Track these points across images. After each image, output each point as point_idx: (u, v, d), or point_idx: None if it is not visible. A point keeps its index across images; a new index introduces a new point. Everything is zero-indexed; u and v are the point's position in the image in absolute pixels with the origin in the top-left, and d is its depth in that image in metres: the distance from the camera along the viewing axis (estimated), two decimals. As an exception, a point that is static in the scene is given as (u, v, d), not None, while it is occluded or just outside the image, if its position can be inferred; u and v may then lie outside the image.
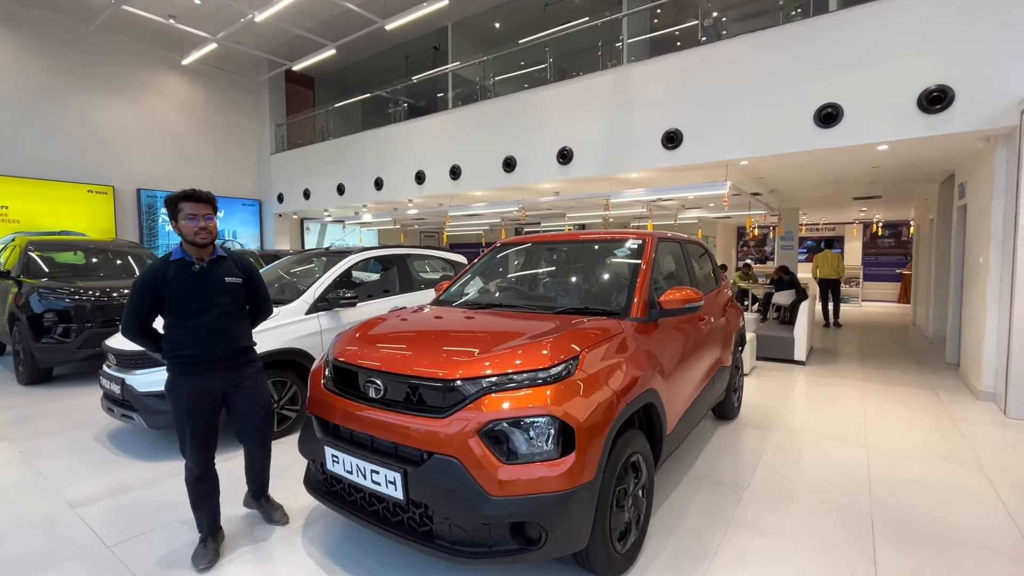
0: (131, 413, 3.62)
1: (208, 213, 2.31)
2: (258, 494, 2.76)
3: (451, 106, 9.33)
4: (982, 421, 4.39)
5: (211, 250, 2.38)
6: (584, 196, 7.93)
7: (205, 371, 2.33)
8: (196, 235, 2.27)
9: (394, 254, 5.37)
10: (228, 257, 2.47)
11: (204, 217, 2.29)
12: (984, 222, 5.14)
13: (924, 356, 7.18)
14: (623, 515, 2.20)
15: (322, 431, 2.33)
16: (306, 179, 11.46)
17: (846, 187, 8.77)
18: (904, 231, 15.49)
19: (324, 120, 12.18)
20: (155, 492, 3.09)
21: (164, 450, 3.74)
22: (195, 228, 2.27)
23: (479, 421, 1.89)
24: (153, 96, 10.66)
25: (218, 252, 2.42)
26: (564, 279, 3.33)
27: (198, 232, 2.27)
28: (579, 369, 2.05)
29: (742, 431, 4.16)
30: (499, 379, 1.97)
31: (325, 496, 2.36)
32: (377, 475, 2.04)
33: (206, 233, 2.29)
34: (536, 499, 1.84)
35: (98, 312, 5.68)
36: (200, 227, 2.27)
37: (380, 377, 2.16)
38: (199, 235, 2.28)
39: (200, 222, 2.27)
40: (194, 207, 2.27)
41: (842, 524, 2.70)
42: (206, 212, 2.30)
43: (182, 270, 2.30)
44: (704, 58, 6.11)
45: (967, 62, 4.64)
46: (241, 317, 2.50)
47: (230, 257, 2.48)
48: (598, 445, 1.98)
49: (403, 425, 2.02)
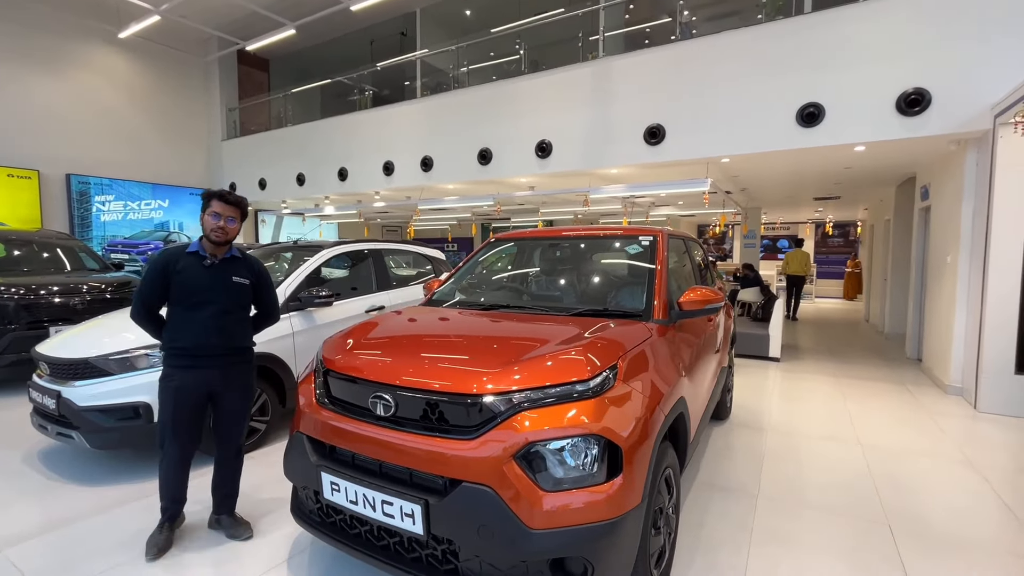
0: (70, 431, 3.12)
1: (232, 216, 2.36)
2: (223, 510, 2.53)
3: (419, 95, 8.92)
4: (956, 415, 4.54)
5: (226, 249, 2.42)
6: (562, 191, 7.75)
7: (197, 365, 2.33)
8: (212, 232, 2.32)
9: (369, 248, 4.99)
10: (243, 259, 2.49)
11: (227, 219, 2.34)
12: (952, 223, 5.32)
13: (884, 351, 7.47)
14: (659, 538, 2.01)
15: (316, 454, 2.01)
16: (262, 168, 10.71)
17: (812, 187, 9.03)
18: (852, 231, 16.32)
19: (281, 106, 11.41)
20: (102, 524, 2.65)
21: (108, 473, 3.25)
22: (214, 225, 2.31)
23: (515, 443, 1.64)
24: (86, 72, 9.60)
25: (233, 252, 2.45)
26: (572, 278, 3.10)
27: (214, 230, 2.32)
28: (618, 380, 1.83)
29: (737, 432, 4.10)
30: (534, 393, 1.73)
31: (319, 528, 2.04)
32: (390, 507, 1.75)
33: (221, 232, 2.33)
34: (582, 530, 1.61)
35: (23, 312, 5.00)
36: (218, 226, 2.32)
37: (390, 392, 1.87)
38: (214, 232, 2.32)
39: (221, 221, 2.32)
40: (221, 207, 2.32)
41: (862, 532, 2.63)
42: (231, 215, 2.35)
43: (193, 262, 2.35)
44: (687, 54, 6.04)
45: (944, 67, 4.75)
46: (242, 318, 2.49)
47: (245, 259, 2.50)
48: (644, 464, 1.78)
49: (421, 448, 1.74)
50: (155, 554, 2.32)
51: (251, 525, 2.54)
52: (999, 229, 4.51)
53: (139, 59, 10.36)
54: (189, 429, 2.36)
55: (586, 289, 2.96)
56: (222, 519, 2.52)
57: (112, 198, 9.89)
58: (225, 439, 2.47)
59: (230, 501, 2.53)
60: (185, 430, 2.34)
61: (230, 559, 2.34)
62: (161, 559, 2.32)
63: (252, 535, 2.50)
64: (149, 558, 2.31)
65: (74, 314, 5.32)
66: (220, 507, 2.52)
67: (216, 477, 2.51)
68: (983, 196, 4.80)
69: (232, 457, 2.50)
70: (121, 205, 10.04)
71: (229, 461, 2.49)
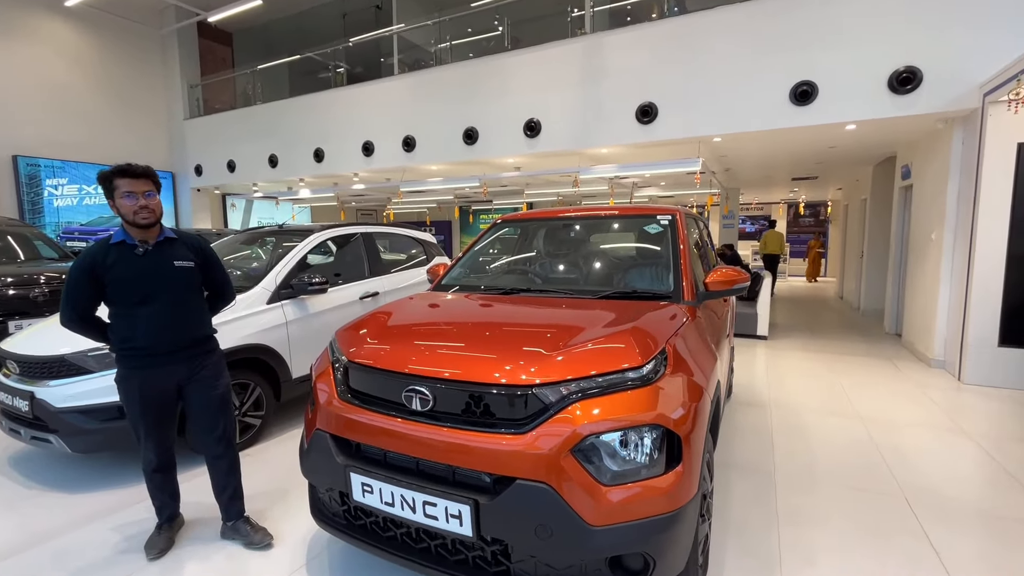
0: (47, 435, 2.85)
1: (149, 190, 2.05)
2: (233, 514, 2.32)
3: (396, 72, 8.54)
4: (943, 388, 4.69)
5: (157, 231, 2.13)
6: (551, 171, 7.60)
7: (157, 363, 2.11)
8: (136, 215, 2.02)
9: (360, 232, 4.75)
10: (178, 238, 2.21)
11: (144, 195, 2.03)
12: (936, 201, 5.45)
13: (863, 327, 7.70)
14: (705, 526, 1.96)
15: (343, 454, 1.86)
16: (230, 149, 10.14)
17: (794, 167, 9.14)
18: (822, 211, 16.76)
19: (249, 82, 10.78)
20: (90, 536, 2.43)
21: (92, 477, 3.01)
22: (134, 207, 2.01)
23: (571, 436, 1.53)
24: (29, 44, 8.80)
25: (166, 233, 2.16)
26: (593, 259, 2.99)
27: (138, 211, 2.02)
28: (669, 365, 1.74)
29: (741, 410, 4.12)
30: (586, 382, 1.62)
31: (347, 531, 1.90)
32: (433, 508, 1.63)
33: (147, 212, 2.04)
34: (644, 525, 1.52)
35: (-25, 306, 4.58)
36: (140, 205, 2.01)
37: (426, 384, 1.72)
38: (139, 215, 2.02)
39: (140, 200, 2.01)
40: (131, 183, 2.01)
41: (882, 506, 2.65)
42: (146, 188, 2.04)
43: (124, 254, 2.06)
44: (680, 30, 5.93)
45: (935, 46, 4.79)
46: (197, 304, 2.25)
47: (180, 238, 2.22)
48: (699, 452, 1.70)
49: (466, 445, 1.61)
50: (156, 555, 2.20)
51: (268, 530, 2.35)
52: (986, 206, 4.62)
53: (89, 30, 9.57)
54: (160, 424, 2.17)
55: (609, 271, 2.85)
56: (237, 526, 2.32)
57: (65, 182, 9.21)
58: (208, 433, 2.25)
59: (237, 503, 2.34)
60: (154, 426, 2.15)
61: (240, 569, 2.18)
62: (166, 571, 2.14)
63: (272, 542, 2.31)
64: (151, 558, 2.20)
65: (33, 307, 4.91)
66: (229, 512, 2.33)
67: (214, 479, 2.31)
68: (969, 174, 4.90)
69: (222, 453, 2.28)
70: (76, 189, 9.36)
71: (220, 457, 2.28)
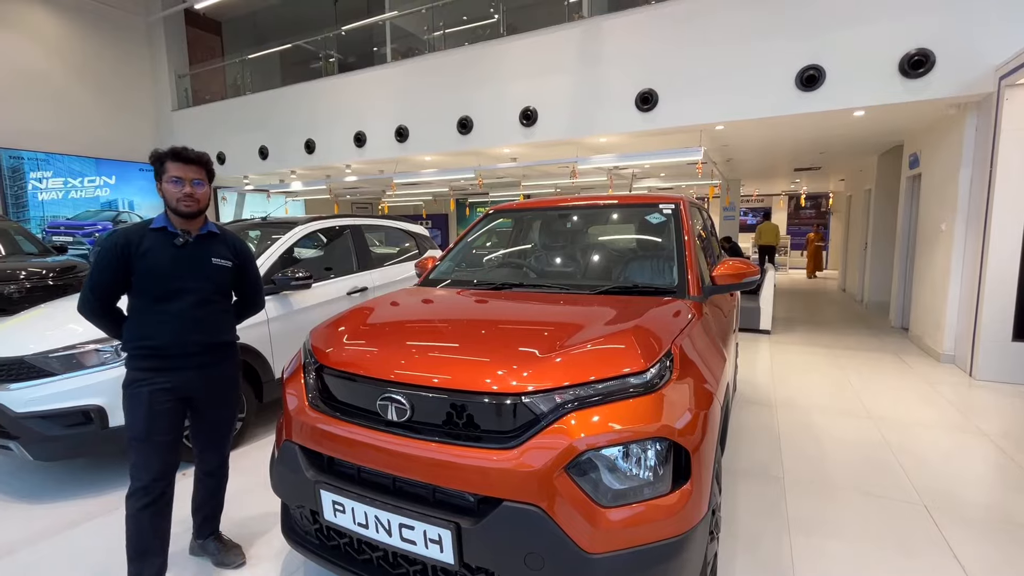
0: (7, 442, 2.67)
1: (198, 178, 1.89)
2: (206, 532, 2.15)
3: (389, 61, 8.30)
4: (955, 384, 4.52)
5: (201, 223, 1.98)
6: (548, 162, 7.38)
7: (173, 367, 1.89)
8: (180, 202, 1.86)
9: (348, 224, 4.55)
10: (221, 235, 2.05)
11: (192, 182, 1.87)
12: (947, 191, 5.25)
13: (869, 321, 7.52)
14: (715, 544, 1.78)
15: (313, 468, 1.68)
16: (219, 140, 9.89)
17: (796, 156, 8.92)
18: (824, 202, 16.55)
19: (238, 72, 10.50)
20: (57, 549, 2.26)
21: (60, 486, 2.83)
22: (179, 193, 1.85)
23: (565, 451, 1.35)
24: (7, 31, 8.52)
25: (209, 227, 2.01)
26: (591, 252, 2.80)
27: (181, 199, 1.86)
28: (675, 369, 1.56)
29: (747, 409, 3.95)
30: (583, 390, 1.43)
31: (319, 552, 1.72)
32: (411, 531, 1.45)
33: (192, 201, 1.87)
34: (648, 551, 1.35)
35: (-52, 304, 4.39)
36: (185, 193, 1.85)
37: (403, 391, 1.54)
38: (183, 202, 1.86)
39: (186, 187, 1.86)
40: (181, 169, 1.86)
41: (899, 513, 2.49)
42: (195, 176, 1.88)
43: (161, 242, 1.88)
44: (681, 12, 5.69)
45: (947, 27, 4.57)
46: (225, 307, 2.07)
47: (223, 235, 2.05)
48: (709, 467, 1.52)
49: (447, 460, 1.43)
50: None
51: (242, 549, 2.18)
52: (1001, 194, 4.43)
53: (71, 18, 9.28)
54: (166, 446, 1.87)
55: (607, 264, 2.66)
56: (207, 544, 2.14)
57: (50, 175, 8.96)
58: (208, 450, 2.08)
59: (213, 522, 2.16)
60: (161, 449, 1.85)
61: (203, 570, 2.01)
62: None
63: (245, 561, 2.14)
64: None
65: (10, 304, 4.74)
66: (202, 530, 2.15)
67: (197, 494, 2.13)
68: (982, 161, 4.71)
69: (215, 471, 2.11)
70: (61, 182, 9.11)
71: (212, 475, 2.11)
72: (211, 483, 2.12)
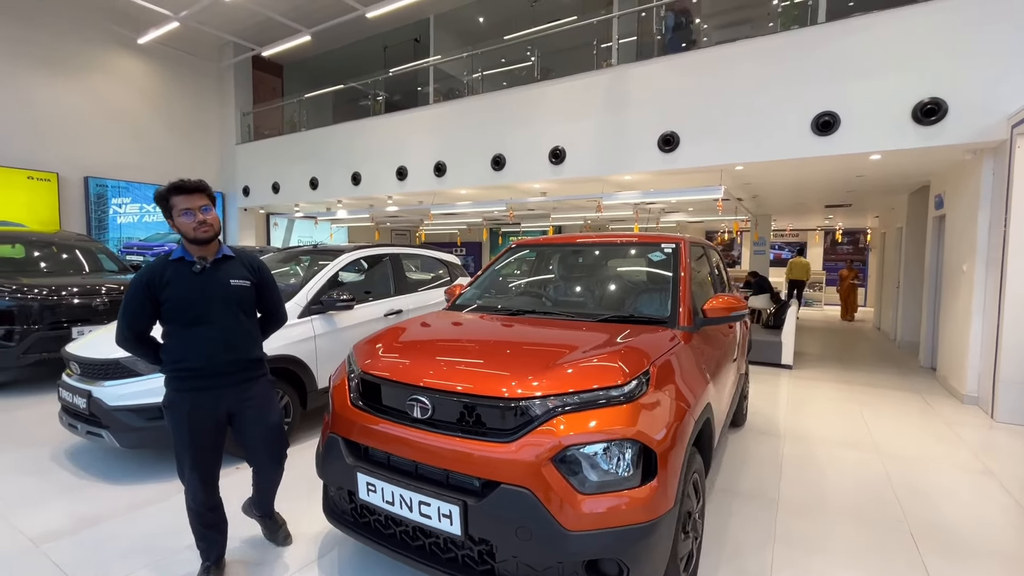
0: (99, 430, 3.18)
1: (204, 204, 2.03)
2: (262, 508, 2.46)
3: (432, 101, 9.01)
4: (973, 425, 4.52)
5: (216, 247, 2.11)
6: (575, 197, 7.79)
7: (208, 386, 2.05)
8: (196, 231, 2.01)
9: (388, 253, 5.05)
10: (236, 256, 2.19)
11: (200, 209, 2.01)
12: (968, 232, 5.32)
13: (897, 360, 7.44)
14: (688, 542, 2.04)
15: (352, 456, 2.05)
16: (275, 172, 10.83)
17: (824, 195, 9.03)
18: (861, 238, 16.26)
19: (295, 110, 11.54)
20: (133, 523, 2.70)
21: (138, 470, 3.31)
22: (193, 223, 2.00)
23: (553, 446, 1.68)
24: (105, 76, 9.76)
25: (224, 250, 2.15)
26: (597, 285, 3.14)
27: (197, 228, 2.00)
28: (651, 385, 1.87)
29: (754, 438, 4.10)
30: (570, 398, 1.77)
31: (353, 528, 2.08)
32: (428, 508, 1.79)
33: (207, 227, 2.02)
34: (618, 532, 1.64)
35: (46, 313, 5.08)
36: (199, 221, 2.00)
37: (427, 395, 1.91)
38: (199, 231, 2.01)
39: (197, 216, 2.00)
40: (187, 200, 1.99)
41: (886, 540, 2.64)
42: (201, 203, 2.02)
43: (181, 271, 2.03)
44: (703, 61, 6.09)
45: (960, 77, 4.77)
46: (250, 326, 2.21)
47: (239, 256, 2.21)
48: (676, 468, 1.81)
49: (459, 451, 1.78)
50: None
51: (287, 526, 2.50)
52: (1016, 239, 4.51)
53: (157, 64, 10.53)
54: (210, 455, 2.07)
55: (611, 295, 2.99)
56: (264, 521, 2.47)
57: (128, 200, 10.04)
58: (260, 453, 2.23)
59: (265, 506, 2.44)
60: (206, 457, 2.06)
61: (260, 560, 2.38)
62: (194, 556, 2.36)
63: (291, 541, 2.46)
64: None
65: (94, 315, 5.39)
66: (257, 506, 2.44)
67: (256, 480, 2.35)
68: (999, 205, 4.80)
69: (269, 469, 2.30)
70: (137, 208, 10.17)
71: (265, 471, 2.31)
72: (264, 480, 2.33)
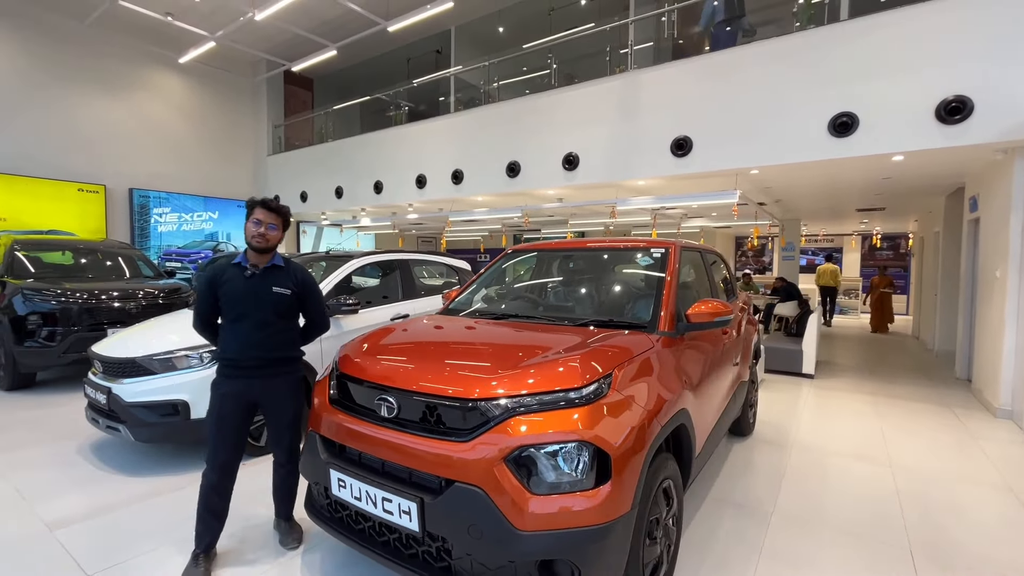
0: (117, 425, 3.40)
1: (273, 223, 2.36)
2: (282, 512, 2.61)
3: (453, 110, 9.19)
4: (1003, 440, 4.26)
5: (268, 258, 2.42)
6: (589, 203, 7.78)
7: (239, 375, 2.35)
8: (253, 238, 2.34)
9: (396, 259, 5.18)
10: (285, 268, 2.46)
11: (268, 226, 2.34)
12: (1000, 236, 5.04)
13: (932, 370, 7.07)
14: (655, 548, 2.02)
15: (327, 452, 2.14)
16: (303, 181, 11.25)
17: (852, 198, 8.70)
18: (903, 243, 15.50)
19: (323, 122, 11.97)
20: (141, 513, 2.87)
21: (152, 465, 3.51)
22: (255, 232, 2.33)
23: (505, 446, 1.71)
24: (147, 94, 10.41)
25: (275, 261, 2.44)
26: (583, 289, 3.15)
27: (255, 236, 2.33)
28: (612, 389, 1.87)
29: (759, 449, 3.99)
30: (526, 399, 1.80)
31: (329, 523, 2.16)
32: (389, 504, 1.85)
33: (261, 239, 2.34)
34: (569, 534, 1.66)
35: (85, 315, 5.44)
36: (259, 232, 2.33)
37: (393, 394, 1.98)
38: (255, 239, 2.34)
39: (261, 228, 2.33)
40: (264, 214, 2.35)
41: (880, 555, 2.53)
42: (271, 221, 2.36)
43: (236, 274, 2.36)
44: (716, 65, 6.00)
45: (987, 74, 4.54)
46: (283, 328, 2.44)
47: (289, 268, 2.47)
48: (634, 473, 1.80)
49: (419, 449, 1.84)
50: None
51: (302, 535, 2.59)
52: (1050, 242, 4.25)
53: (195, 82, 11.14)
54: (232, 436, 2.33)
55: (593, 300, 3.00)
56: (280, 524, 2.60)
57: (168, 210, 10.62)
58: (276, 445, 2.49)
59: (286, 506, 2.59)
60: (227, 436, 2.31)
61: (245, 549, 2.50)
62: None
63: (299, 545, 2.53)
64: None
65: (129, 317, 5.73)
66: (279, 510, 2.60)
67: (274, 480, 2.55)
68: (1033, 207, 4.53)
69: (285, 462, 2.50)
70: (176, 217, 10.75)
71: (282, 465, 2.51)
72: (282, 472, 2.51)
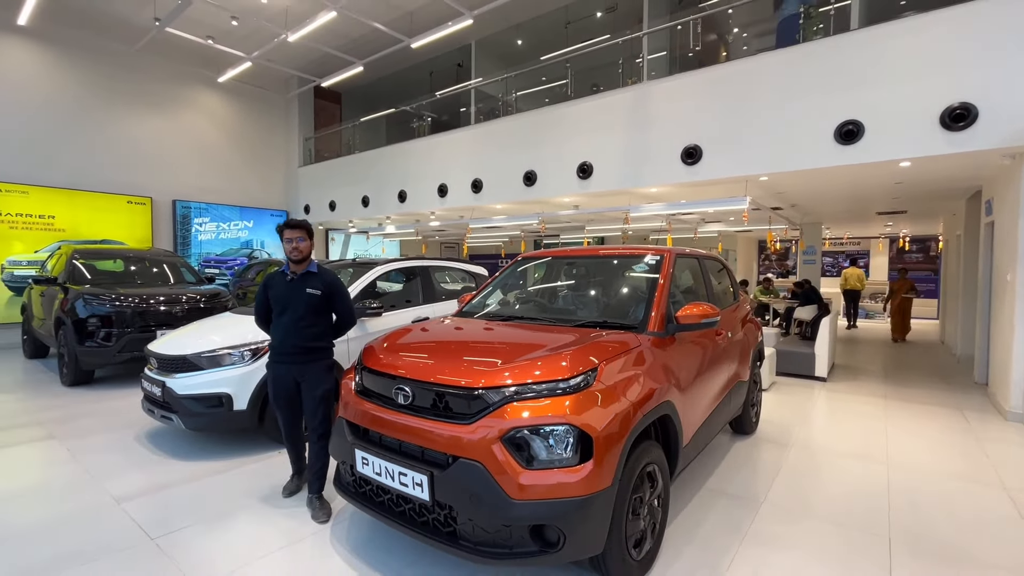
0: (170, 414, 3.82)
1: (300, 236, 2.90)
2: (313, 488, 2.95)
3: (473, 121, 9.57)
4: (1009, 442, 4.31)
5: (304, 266, 2.97)
6: (603, 210, 8.02)
7: (282, 360, 2.95)
8: (290, 254, 2.92)
9: (417, 266, 5.54)
10: (318, 273, 2.99)
11: (297, 240, 2.90)
12: (1011, 239, 5.07)
13: (951, 375, 7.03)
14: (639, 523, 2.28)
15: (352, 434, 2.47)
16: (332, 191, 11.81)
17: (869, 202, 8.69)
18: (933, 246, 15.15)
19: (350, 134, 12.54)
20: (192, 490, 3.27)
21: (200, 450, 3.93)
22: (289, 248, 2.91)
23: (502, 428, 2.00)
24: (189, 112, 11.16)
25: (310, 268, 2.99)
26: (583, 293, 3.43)
27: (290, 252, 2.91)
28: (597, 380, 2.14)
29: (760, 446, 4.17)
30: (520, 388, 2.08)
31: (354, 497, 2.49)
32: (405, 477, 2.16)
33: (296, 252, 2.90)
34: (555, 503, 1.93)
35: (137, 318, 5.97)
36: (292, 247, 2.90)
37: (409, 384, 2.29)
38: (291, 253, 2.91)
39: (294, 243, 2.89)
40: (291, 232, 2.90)
41: (859, 543, 2.71)
42: (298, 235, 2.90)
43: (280, 279, 2.99)
44: (725, 75, 6.19)
45: (991, 81, 4.62)
46: (314, 322, 2.96)
47: (320, 273, 3.00)
48: (615, 454, 2.07)
49: (430, 430, 2.14)
50: (287, 495, 3.13)
51: (331, 511, 2.91)
52: (1055, 246, 4.30)
53: (232, 98, 11.86)
54: (287, 407, 2.99)
55: (591, 303, 3.27)
56: (312, 500, 2.95)
57: (208, 220, 11.31)
58: (311, 416, 2.93)
59: (317, 482, 2.94)
60: (283, 408, 3.00)
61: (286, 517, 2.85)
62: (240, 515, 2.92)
63: (328, 520, 2.87)
64: (285, 495, 3.13)
65: (174, 320, 6.25)
66: (311, 486, 2.96)
67: (310, 454, 2.95)
68: (1040, 212, 4.58)
69: (315, 440, 2.89)
70: (214, 226, 11.44)
71: (313, 443, 2.91)
72: (313, 448, 2.90)
